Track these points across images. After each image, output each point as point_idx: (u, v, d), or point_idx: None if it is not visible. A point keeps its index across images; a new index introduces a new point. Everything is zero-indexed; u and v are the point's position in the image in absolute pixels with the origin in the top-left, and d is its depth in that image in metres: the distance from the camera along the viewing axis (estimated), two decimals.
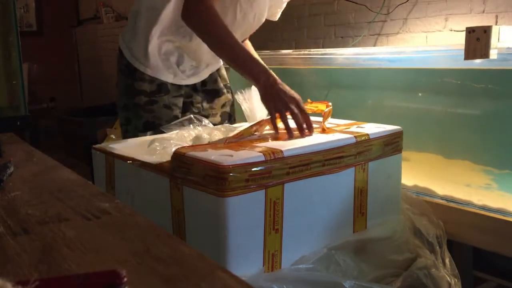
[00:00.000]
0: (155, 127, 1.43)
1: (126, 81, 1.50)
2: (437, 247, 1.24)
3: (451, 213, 1.40)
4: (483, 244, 1.36)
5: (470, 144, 1.58)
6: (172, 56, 1.49)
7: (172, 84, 1.50)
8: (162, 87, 1.49)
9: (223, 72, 1.67)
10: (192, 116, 1.37)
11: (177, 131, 1.27)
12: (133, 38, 1.49)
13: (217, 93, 1.62)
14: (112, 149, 1.22)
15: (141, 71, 1.48)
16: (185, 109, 1.55)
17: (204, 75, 1.58)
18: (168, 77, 1.49)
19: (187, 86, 1.55)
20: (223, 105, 1.64)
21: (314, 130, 1.18)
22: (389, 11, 2.30)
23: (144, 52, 1.47)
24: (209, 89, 1.61)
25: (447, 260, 1.25)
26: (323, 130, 1.19)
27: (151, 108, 1.47)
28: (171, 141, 1.18)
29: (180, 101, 1.53)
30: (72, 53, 6.22)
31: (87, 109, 4.88)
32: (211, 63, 1.58)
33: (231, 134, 1.18)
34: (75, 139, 4.29)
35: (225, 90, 1.65)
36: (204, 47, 1.36)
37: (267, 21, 1.62)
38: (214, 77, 1.63)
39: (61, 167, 0.91)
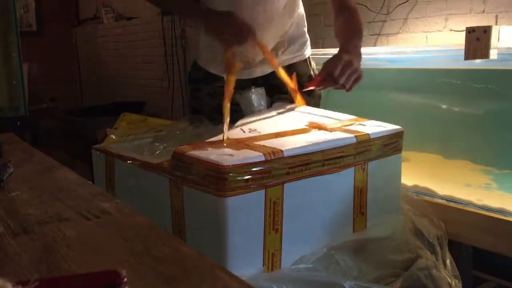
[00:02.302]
0: (200, 114, 1.46)
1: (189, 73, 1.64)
2: (438, 248, 1.24)
3: (451, 213, 1.41)
4: (483, 244, 1.36)
5: (470, 144, 1.58)
6: (222, 50, 1.49)
7: (222, 76, 1.49)
8: (208, 75, 1.53)
9: (300, 69, 1.54)
10: (192, 116, 1.37)
11: (178, 131, 1.27)
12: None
13: (281, 90, 1.48)
14: (112, 149, 1.22)
15: (195, 60, 1.59)
16: None
17: (259, 71, 1.52)
18: (216, 69, 1.52)
19: (242, 79, 1.48)
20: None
21: (312, 128, 1.18)
22: (389, 11, 2.30)
23: (197, 45, 1.58)
24: (274, 84, 1.48)
25: (448, 261, 1.25)
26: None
27: (196, 95, 1.56)
28: (171, 141, 1.18)
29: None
30: (72, 53, 6.22)
31: (87, 109, 4.88)
32: (265, 61, 1.49)
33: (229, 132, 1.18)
34: (75, 139, 4.29)
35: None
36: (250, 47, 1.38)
37: None
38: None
39: (61, 167, 0.91)
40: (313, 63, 1.62)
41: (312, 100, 1.55)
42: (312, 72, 1.60)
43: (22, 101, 2.44)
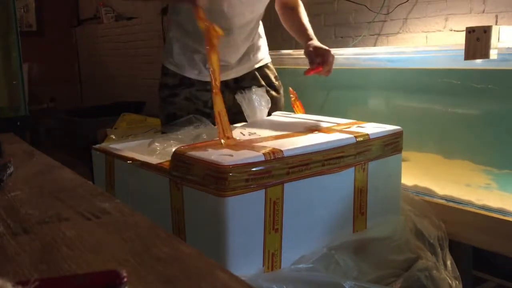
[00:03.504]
0: (177, 119, 1.46)
1: (159, 79, 1.62)
2: (439, 249, 1.24)
3: (451, 213, 1.40)
4: (483, 244, 1.36)
5: (470, 144, 1.58)
6: (197, 54, 1.53)
7: (197, 80, 1.54)
8: (184, 80, 1.55)
9: (268, 71, 1.65)
10: (192, 116, 1.37)
11: (178, 131, 1.27)
12: (167, 37, 1.63)
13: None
14: (112, 149, 1.22)
15: (166, 66, 1.59)
16: None
17: (234, 73, 1.58)
18: (191, 74, 1.55)
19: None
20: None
21: (311, 129, 1.18)
22: (389, 11, 2.30)
23: (169, 50, 1.57)
24: (244, 86, 1.54)
25: (448, 262, 1.25)
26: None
27: (172, 100, 1.55)
28: (171, 141, 1.18)
29: (205, 96, 1.53)
30: (72, 53, 6.22)
31: (87, 109, 4.88)
32: (241, 63, 1.58)
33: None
34: (75, 139, 4.29)
35: (267, 89, 1.61)
36: (226, 49, 1.42)
37: (267, 21, 1.62)
38: (251, 75, 1.61)
39: (61, 167, 0.91)
40: (272, 67, 1.70)
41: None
42: (273, 75, 1.67)
43: (22, 101, 2.44)
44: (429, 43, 2.15)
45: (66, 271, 0.48)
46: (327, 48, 1.45)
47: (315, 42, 1.52)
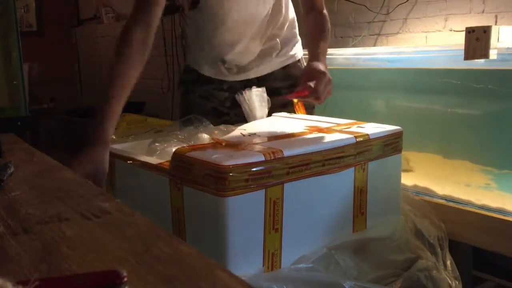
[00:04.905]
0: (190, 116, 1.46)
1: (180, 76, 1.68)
2: (439, 249, 1.24)
3: (451, 213, 1.41)
4: (483, 244, 1.36)
5: (470, 144, 1.58)
6: (215, 52, 1.52)
7: (215, 78, 1.55)
8: (201, 77, 1.55)
9: (295, 71, 1.56)
10: (192, 116, 1.37)
11: (178, 131, 1.27)
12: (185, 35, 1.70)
13: (275, 92, 1.48)
14: (112, 149, 1.22)
15: (186, 64, 1.63)
16: (235, 105, 1.48)
17: (253, 73, 1.55)
18: (209, 72, 1.55)
19: (237, 81, 1.54)
20: (284, 105, 1.50)
21: (311, 129, 1.18)
22: (389, 11, 2.31)
23: (189, 47, 1.63)
24: (267, 86, 1.46)
25: (448, 263, 1.25)
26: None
27: (188, 97, 1.57)
28: (171, 141, 1.18)
29: (221, 94, 1.54)
30: (72, 53, 6.22)
31: (87, 109, 4.88)
32: (262, 64, 1.54)
33: (230, 135, 1.18)
34: (75, 139, 4.29)
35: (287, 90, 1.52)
36: (246, 51, 1.46)
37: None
38: (274, 75, 1.55)
39: (61, 167, 0.91)
40: (304, 64, 1.62)
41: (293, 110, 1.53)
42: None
43: (23, 101, 2.44)
44: (429, 43, 2.16)
45: (66, 271, 0.48)
46: (324, 72, 1.31)
47: (316, 63, 1.36)
